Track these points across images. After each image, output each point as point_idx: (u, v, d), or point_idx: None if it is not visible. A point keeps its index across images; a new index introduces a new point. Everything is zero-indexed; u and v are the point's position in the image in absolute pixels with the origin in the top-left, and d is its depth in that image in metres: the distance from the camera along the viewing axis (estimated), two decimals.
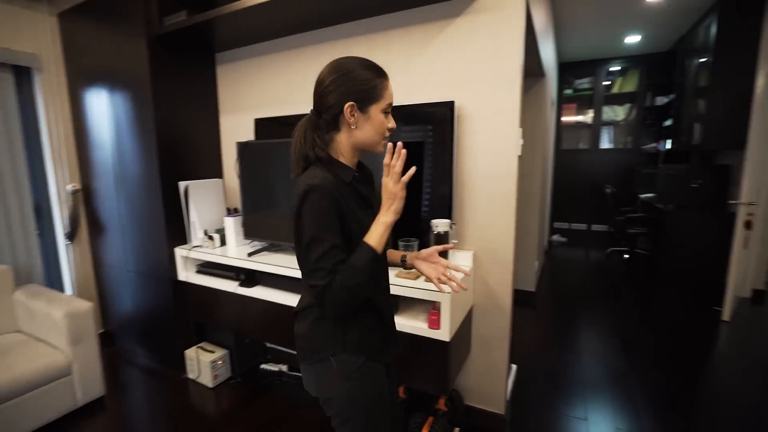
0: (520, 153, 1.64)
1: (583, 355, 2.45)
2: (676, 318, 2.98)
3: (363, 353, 0.94)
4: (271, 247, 2.02)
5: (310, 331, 0.95)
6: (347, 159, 0.93)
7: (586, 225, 5.53)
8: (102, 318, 2.72)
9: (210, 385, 2.17)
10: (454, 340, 1.47)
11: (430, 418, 1.63)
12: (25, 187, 2.37)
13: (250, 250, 1.97)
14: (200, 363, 2.18)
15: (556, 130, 5.29)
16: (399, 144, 0.87)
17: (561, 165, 5.49)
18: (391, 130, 0.93)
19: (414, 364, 1.49)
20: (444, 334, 1.41)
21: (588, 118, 5.33)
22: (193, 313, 2.19)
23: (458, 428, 1.75)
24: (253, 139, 2.22)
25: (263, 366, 2.31)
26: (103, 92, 2.27)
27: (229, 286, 1.94)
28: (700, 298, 3.22)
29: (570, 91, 5.32)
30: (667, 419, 1.85)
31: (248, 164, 1.98)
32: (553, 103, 4.40)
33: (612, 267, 4.33)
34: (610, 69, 5.07)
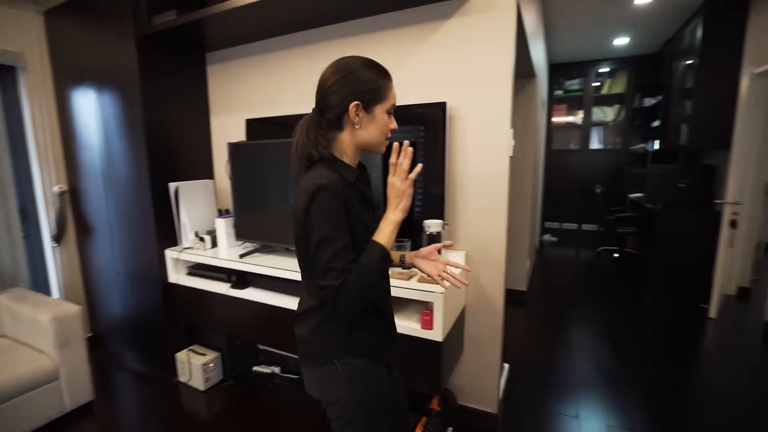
0: (511, 153, 1.65)
1: (574, 354, 2.48)
2: (665, 316, 3.03)
3: (366, 355, 0.94)
4: (263, 249, 2.01)
5: (313, 333, 0.94)
6: (350, 159, 0.93)
7: (576, 224, 5.59)
8: (90, 321, 2.68)
9: (201, 388, 2.15)
10: (447, 340, 1.48)
11: (424, 419, 1.64)
12: (9, 188, 2.32)
13: (241, 252, 1.96)
14: (191, 366, 2.16)
15: (547, 131, 5.34)
16: (405, 143, 0.88)
17: (552, 165, 5.54)
18: (392, 130, 0.93)
19: (407, 365, 1.49)
20: (437, 335, 1.42)
21: (578, 118, 5.38)
22: (184, 315, 2.17)
23: (451, 428, 1.76)
24: (244, 139, 2.21)
25: (255, 368, 2.29)
26: (91, 92, 2.23)
27: (221, 288, 1.92)
28: (688, 296, 3.27)
29: (560, 92, 5.37)
30: (656, 416, 1.88)
31: (240, 165, 1.97)
32: (543, 104, 4.45)
33: (602, 266, 4.39)
34: (600, 70, 5.14)
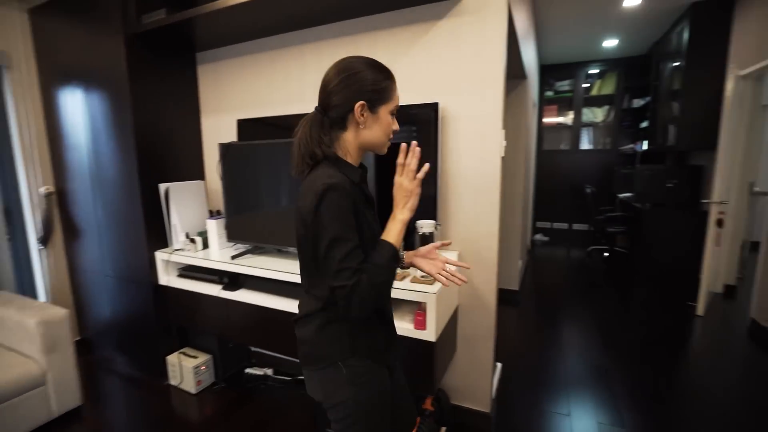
0: (503, 154, 1.66)
1: (565, 352, 2.51)
2: (654, 313, 3.08)
3: (369, 357, 0.94)
4: (255, 250, 2.00)
5: (316, 336, 0.93)
6: (353, 159, 0.93)
7: (567, 224, 5.65)
8: (78, 325, 2.63)
9: (193, 392, 2.13)
10: (440, 340, 1.48)
11: (417, 419, 1.64)
12: None
13: (233, 253, 1.94)
14: (183, 369, 2.13)
15: (538, 132, 5.39)
16: (413, 143, 0.89)
17: (543, 165, 5.59)
18: (394, 131, 0.94)
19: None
20: (430, 335, 1.42)
21: (568, 119, 5.44)
22: (175, 317, 2.14)
23: (445, 428, 1.76)
24: (235, 140, 2.19)
25: (248, 370, 2.27)
26: (79, 91, 2.19)
27: (212, 290, 1.91)
28: (676, 294, 3.33)
29: (551, 93, 5.42)
30: (646, 412, 1.91)
31: (231, 166, 1.95)
32: (534, 105, 4.49)
33: (593, 265, 4.44)
34: (589, 72, 5.20)
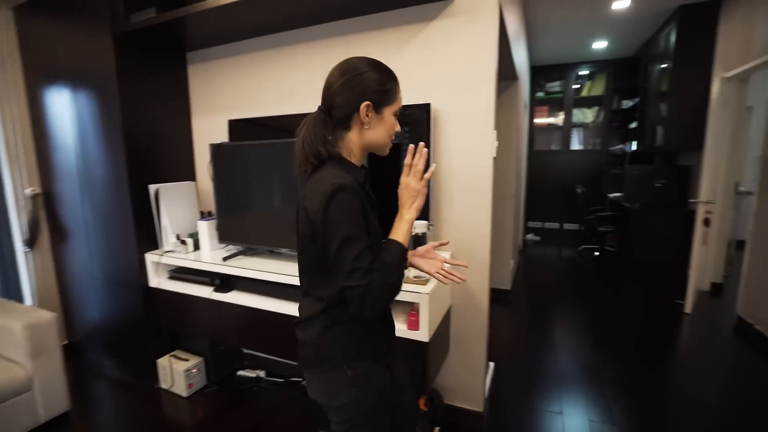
0: (495, 154, 1.67)
1: (557, 351, 2.53)
2: (643, 311, 3.12)
3: (372, 358, 0.94)
4: (247, 251, 1.98)
5: (320, 339, 0.92)
6: (356, 159, 0.93)
7: (558, 224, 5.70)
8: (66, 329, 2.58)
9: (184, 395, 2.10)
10: (433, 340, 1.49)
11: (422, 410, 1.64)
12: None
13: (225, 255, 1.92)
14: (173, 372, 2.10)
15: (529, 132, 5.43)
16: (421, 144, 0.91)
17: (534, 166, 5.64)
18: (396, 133, 0.95)
19: None
20: (423, 335, 1.43)
21: (559, 120, 5.50)
22: (166, 320, 2.11)
23: (438, 427, 1.77)
24: (227, 140, 2.17)
25: (240, 372, 2.25)
26: (66, 91, 2.16)
27: (204, 292, 1.89)
28: (664, 292, 3.38)
29: (542, 94, 5.48)
30: (636, 409, 1.93)
31: (222, 166, 1.93)
32: (525, 106, 4.53)
33: (583, 264, 4.49)
34: (579, 73, 5.26)
